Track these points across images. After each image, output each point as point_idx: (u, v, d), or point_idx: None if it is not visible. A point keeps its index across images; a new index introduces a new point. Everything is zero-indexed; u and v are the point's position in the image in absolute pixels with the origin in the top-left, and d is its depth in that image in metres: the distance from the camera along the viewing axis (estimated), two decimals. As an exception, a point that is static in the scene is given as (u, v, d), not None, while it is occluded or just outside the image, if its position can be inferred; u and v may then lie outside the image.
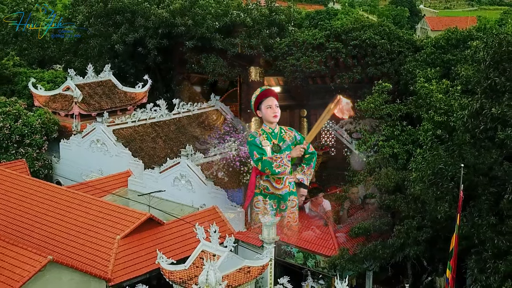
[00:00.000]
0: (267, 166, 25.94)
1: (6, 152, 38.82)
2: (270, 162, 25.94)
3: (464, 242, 22.00)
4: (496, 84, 19.90)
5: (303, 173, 28.82)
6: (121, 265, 26.95)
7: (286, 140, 26.93)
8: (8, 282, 24.00)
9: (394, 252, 25.97)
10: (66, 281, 25.30)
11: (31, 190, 31.47)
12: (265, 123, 26.87)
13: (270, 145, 26.80)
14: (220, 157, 32.78)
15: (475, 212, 21.64)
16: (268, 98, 26.26)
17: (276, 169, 26.10)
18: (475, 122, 20.14)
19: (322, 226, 29.18)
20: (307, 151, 28.07)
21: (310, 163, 28.79)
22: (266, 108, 26.06)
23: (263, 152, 26.17)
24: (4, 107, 39.49)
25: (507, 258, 20.73)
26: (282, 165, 26.00)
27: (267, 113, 26.20)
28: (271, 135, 27.02)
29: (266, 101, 26.29)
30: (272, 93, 27.16)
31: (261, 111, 26.46)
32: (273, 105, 26.25)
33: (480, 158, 20.77)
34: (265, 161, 25.83)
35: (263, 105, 26.39)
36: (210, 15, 43.55)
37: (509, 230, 20.62)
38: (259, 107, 26.76)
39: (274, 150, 26.88)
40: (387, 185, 26.93)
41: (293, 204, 28.90)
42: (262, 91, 26.62)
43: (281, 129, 27.55)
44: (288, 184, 28.18)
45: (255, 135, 26.52)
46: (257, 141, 26.07)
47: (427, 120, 27.59)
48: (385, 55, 38.38)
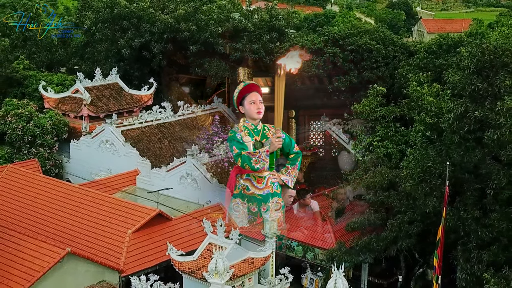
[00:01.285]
0: (246, 162, 24.62)
1: (19, 152, 40.69)
2: (249, 157, 24.57)
3: (452, 234, 23.88)
4: (479, 90, 21.81)
5: (288, 173, 27.81)
6: (132, 257, 28.82)
7: (269, 137, 25.45)
8: (30, 272, 25.88)
9: (387, 244, 27.83)
10: (83, 272, 27.21)
11: (46, 188, 33.32)
12: (248, 119, 25.30)
13: (252, 141, 25.55)
14: (209, 158, 33.88)
15: (461, 207, 23.54)
16: (251, 93, 24.70)
17: (255, 164, 24.70)
18: (460, 124, 22.04)
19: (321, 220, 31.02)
20: (292, 151, 27.35)
21: (295, 163, 27.93)
22: (250, 103, 24.56)
23: (243, 147, 24.84)
24: (17, 109, 41.33)
25: (490, 249, 22.64)
26: (260, 160, 24.61)
27: (250, 109, 24.66)
28: (254, 132, 25.74)
29: (249, 96, 24.73)
30: (255, 88, 25.55)
31: (244, 106, 24.94)
32: (257, 101, 24.72)
33: (466, 157, 22.67)
34: (244, 156, 24.52)
35: (246, 100, 24.85)
36: (213, 20, 45.45)
37: (492, 223, 22.51)
38: (242, 103, 25.18)
39: (256, 146, 25.58)
40: (381, 182, 28.76)
41: (277, 206, 27.26)
42: (245, 86, 25.04)
43: (265, 127, 26.23)
44: (271, 184, 27.07)
45: (236, 131, 25.02)
46: (238, 136, 24.72)
47: (419, 121, 29.40)
48: (380, 59, 40.29)
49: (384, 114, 33.11)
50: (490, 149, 21.40)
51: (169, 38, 45.47)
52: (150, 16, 46.37)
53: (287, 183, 28.00)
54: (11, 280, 25.86)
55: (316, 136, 42.97)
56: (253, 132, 25.39)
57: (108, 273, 27.99)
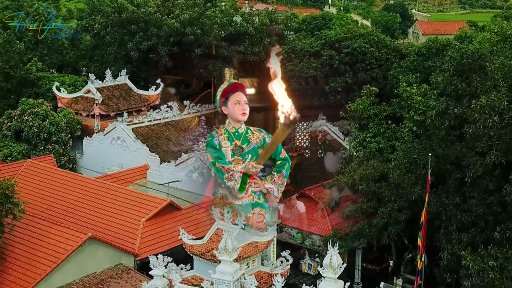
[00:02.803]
0: (218, 175, 20.98)
1: (35, 148, 43.31)
2: (222, 171, 20.75)
3: (435, 219, 26.69)
4: (459, 89, 24.60)
5: (273, 182, 22.62)
6: (146, 243, 31.52)
7: (251, 142, 21.65)
8: (55, 255, 28.60)
9: (378, 230, 30.62)
10: (102, 255, 29.92)
11: (65, 180, 36.01)
12: (230, 121, 21.51)
13: (231, 147, 21.72)
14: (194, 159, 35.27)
15: (443, 194, 26.34)
16: (236, 93, 20.97)
17: (227, 181, 20.99)
18: (441, 120, 24.83)
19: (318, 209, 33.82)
20: (279, 156, 22.60)
21: (282, 171, 22.87)
22: (234, 104, 20.91)
23: (219, 155, 21.21)
24: (33, 108, 43.95)
25: (469, 231, 25.45)
26: (233, 179, 20.94)
27: (234, 110, 20.87)
28: (234, 135, 21.86)
29: (234, 96, 20.96)
30: (240, 88, 21.79)
31: (227, 107, 21.16)
32: (241, 101, 20.94)
33: (447, 150, 25.48)
34: (217, 168, 20.73)
35: (231, 100, 21.14)
36: (217, 25, 48.20)
37: (470, 208, 25.31)
38: (226, 103, 21.30)
39: (235, 152, 21.69)
40: (373, 174, 31.56)
41: (259, 218, 28.12)
42: (230, 84, 21.50)
43: (248, 129, 22.16)
44: (252, 193, 22.54)
45: (215, 135, 21.50)
46: (215, 142, 21.15)
47: (408, 119, 32.25)
48: (374, 61, 43.16)
49: (376, 112, 35.93)
50: (468, 142, 24.19)
51: (175, 41, 48.16)
52: (157, 21, 49.09)
53: (272, 192, 26.96)
54: (38, 261, 28.58)
55: (302, 137, 44.15)
56: (233, 135, 21.41)
57: (124, 257, 30.71)
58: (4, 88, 49.07)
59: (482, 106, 22.78)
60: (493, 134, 22.83)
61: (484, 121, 22.74)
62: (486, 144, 23.34)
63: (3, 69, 48.85)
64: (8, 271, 28.68)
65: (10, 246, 29.41)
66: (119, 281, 29.70)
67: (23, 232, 29.75)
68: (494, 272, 23.20)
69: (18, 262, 28.88)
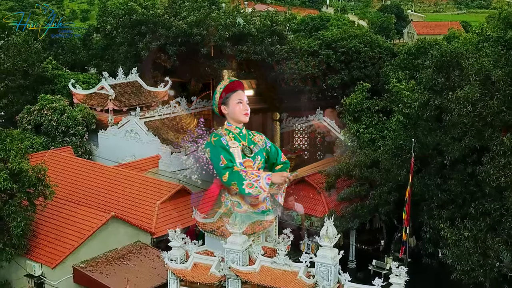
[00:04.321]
0: (236, 181, 19.65)
1: (53, 140, 46.82)
2: (242, 176, 19.55)
3: (419, 198, 30.25)
4: (439, 83, 28.14)
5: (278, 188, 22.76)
6: (161, 223, 35.00)
7: (256, 143, 21.41)
8: (81, 232, 32.11)
9: (370, 211, 34.16)
10: (123, 233, 33.44)
11: (85, 168, 39.48)
12: (231, 121, 20.67)
13: (240, 147, 21.11)
14: (193, 160, 36.85)
15: (426, 176, 29.90)
16: (238, 92, 20.59)
17: (247, 189, 19.87)
18: (424, 110, 28.37)
19: (316, 193, 37.35)
20: (279, 160, 23.17)
21: None
22: (237, 103, 20.18)
23: (232, 158, 20.20)
24: (51, 104, 47.47)
25: (448, 208, 28.99)
26: (257, 187, 19.64)
27: (236, 110, 20.17)
28: (240, 136, 21.24)
29: (235, 95, 20.39)
30: (241, 87, 21.71)
31: (227, 106, 20.24)
32: (243, 101, 20.56)
33: (429, 137, 29.02)
34: (235, 172, 19.45)
35: (232, 99, 20.37)
36: (221, 26, 51.72)
37: (449, 188, 28.85)
38: (226, 102, 20.48)
39: (246, 153, 21.26)
40: (366, 161, 35.07)
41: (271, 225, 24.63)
42: (231, 82, 20.95)
43: (248, 132, 21.82)
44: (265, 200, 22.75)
45: (221, 134, 20.40)
46: (224, 142, 20.19)
47: (397, 111, 35.72)
48: (368, 60, 46.73)
49: (369, 106, 39.47)
50: (446, 129, 27.73)
51: (182, 41, 51.68)
52: (165, 22, 52.57)
53: (277, 199, 24.03)
54: (66, 238, 32.09)
55: (301, 138, 46.07)
56: (238, 136, 20.94)
57: (142, 235, 34.23)
58: (23, 85, 52.55)
59: (457, 97, 26.32)
60: (467, 122, 26.40)
61: (459, 110, 26.28)
62: (462, 131, 26.89)
63: (22, 67, 52.36)
64: (40, 246, 32.17)
65: (41, 224, 32.90)
66: (138, 256, 33.21)
67: (53, 212, 33.25)
68: (469, 241, 26.73)
69: (48, 238, 32.39)
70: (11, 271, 32.50)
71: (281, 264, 28.03)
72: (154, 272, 31.90)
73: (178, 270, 28.72)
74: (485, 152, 26.98)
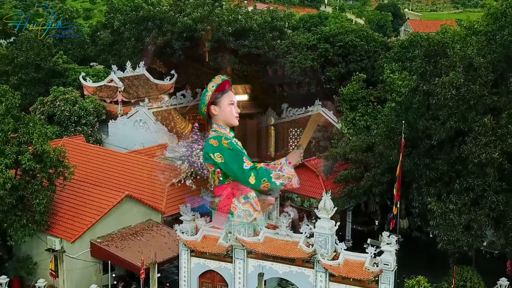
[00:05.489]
0: (265, 177, 17.94)
1: (66, 130, 49.45)
2: (268, 170, 17.86)
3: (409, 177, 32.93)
4: (427, 71, 30.83)
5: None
6: (171, 204, 37.63)
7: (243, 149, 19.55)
8: (98, 209, 34.77)
9: (365, 191, 36.81)
10: (135, 212, 36.12)
11: (99, 154, 42.16)
12: (221, 124, 18.75)
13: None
14: (188, 165, 37.65)
15: (415, 156, 32.59)
16: (229, 93, 18.97)
17: (278, 181, 18.15)
18: (413, 95, 31.06)
19: (314, 177, 39.99)
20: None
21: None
22: (229, 104, 18.60)
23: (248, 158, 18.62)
24: (64, 95, 50.10)
25: (435, 185, 31.68)
26: (283, 175, 17.93)
27: (227, 111, 18.57)
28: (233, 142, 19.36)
29: (227, 96, 18.72)
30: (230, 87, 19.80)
31: (219, 106, 18.50)
32: (235, 103, 19.10)
33: (418, 120, 31.71)
34: (261, 169, 17.79)
35: (224, 100, 18.66)
36: (224, 22, 54.32)
37: (436, 167, 31.53)
38: (217, 102, 18.64)
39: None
40: (361, 146, 37.75)
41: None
42: (224, 81, 19.04)
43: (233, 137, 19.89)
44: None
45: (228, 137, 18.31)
46: (234, 143, 18.60)
47: (391, 100, 38.44)
48: (364, 53, 49.39)
49: (364, 95, 42.17)
50: (433, 112, 30.43)
51: (187, 36, 54.27)
52: (170, 18, 55.13)
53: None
54: (84, 215, 34.75)
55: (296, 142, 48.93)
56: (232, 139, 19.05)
57: (153, 214, 36.92)
58: (35, 78, 55.16)
59: (443, 82, 29.00)
60: (452, 105, 29.09)
61: (444, 94, 28.97)
62: (447, 113, 29.58)
63: (34, 61, 54.97)
64: (59, 223, 34.82)
65: (60, 203, 35.55)
66: (150, 232, 35.91)
67: (70, 192, 35.92)
68: (454, 214, 29.40)
69: (67, 216, 35.05)
70: (32, 246, 35.12)
71: (283, 235, 30.98)
72: (165, 247, 34.58)
73: (189, 241, 31.55)
74: (469, 133, 29.67)
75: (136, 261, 32.19)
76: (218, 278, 30.94)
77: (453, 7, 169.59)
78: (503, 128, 28.45)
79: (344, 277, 28.12)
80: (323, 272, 28.74)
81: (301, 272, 29.33)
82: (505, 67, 29.82)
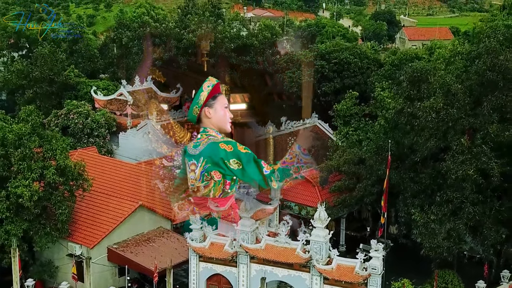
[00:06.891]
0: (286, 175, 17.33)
1: (79, 141, 52.91)
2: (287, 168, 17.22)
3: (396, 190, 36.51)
4: (411, 95, 34.41)
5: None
6: (179, 212, 41.06)
7: None
8: (114, 218, 38.28)
9: (357, 201, 40.35)
10: (147, 219, 39.64)
11: (112, 165, 45.61)
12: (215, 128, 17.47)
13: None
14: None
15: (401, 171, 36.16)
16: (222, 96, 18.05)
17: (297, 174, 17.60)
18: (399, 117, 34.64)
19: (311, 187, 43.53)
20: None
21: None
22: (224, 107, 17.46)
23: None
24: (77, 108, 53.57)
25: (419, 197, 35.25)
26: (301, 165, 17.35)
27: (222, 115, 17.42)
28: None
29: (221, 99, 17.65)
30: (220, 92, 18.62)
31: (214, 109, 17.33)
32: (229, 108, 18.13)
33: (403, 138, 35.27)
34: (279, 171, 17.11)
35: (218, 103, 17.52)
36: (227, 38, 57.86)
37: (420, 180, 35.10)
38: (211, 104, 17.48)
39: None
40: (354, 159, 41.26)
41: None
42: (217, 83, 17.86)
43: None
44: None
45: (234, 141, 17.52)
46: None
47: (381, 117, 41.96)
48: (357, 70, 52.96)
49: (357, 111, 45.67)
50: (416, 132, 34.00)
51: (192, 52, 57.80)
52: (176, 35, 58.64)
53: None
54: (101, 223, 38.26)
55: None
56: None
57: (163, 221, 40.41)
58: (49, 92, 58.62)
59: (424, 107, 32.60)
60: (432, 126, 32.67)
61: (426, 117, 32.54)
62: (428, 134, 33.15)
63: (48, 75, 58.45)
64: (78, 230, 38.30)
65: (79, 212, 39.01)
66: (161, 239, 39.45)
67: (88, 202, 39.39)
68: (435, 224, 32.97)
69: (86, 224, 38.53)
70: (54, 252, 38.59)
71: (282, 242, 34.64)
72: (175, 252, 38.10)
73: (197, 248, 35.18)
74: (448, 151, 33.25)
75: (150, 265, 35.66)
76: (224, 281, 34.53)
77: (449, 11, 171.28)
78: (478, 147, 32.01)
79: (336, 280, 31.63)
80: (318, 276, 32.27)
81: (298, 276, 32.82)
82: (481, 91, 33.35)
